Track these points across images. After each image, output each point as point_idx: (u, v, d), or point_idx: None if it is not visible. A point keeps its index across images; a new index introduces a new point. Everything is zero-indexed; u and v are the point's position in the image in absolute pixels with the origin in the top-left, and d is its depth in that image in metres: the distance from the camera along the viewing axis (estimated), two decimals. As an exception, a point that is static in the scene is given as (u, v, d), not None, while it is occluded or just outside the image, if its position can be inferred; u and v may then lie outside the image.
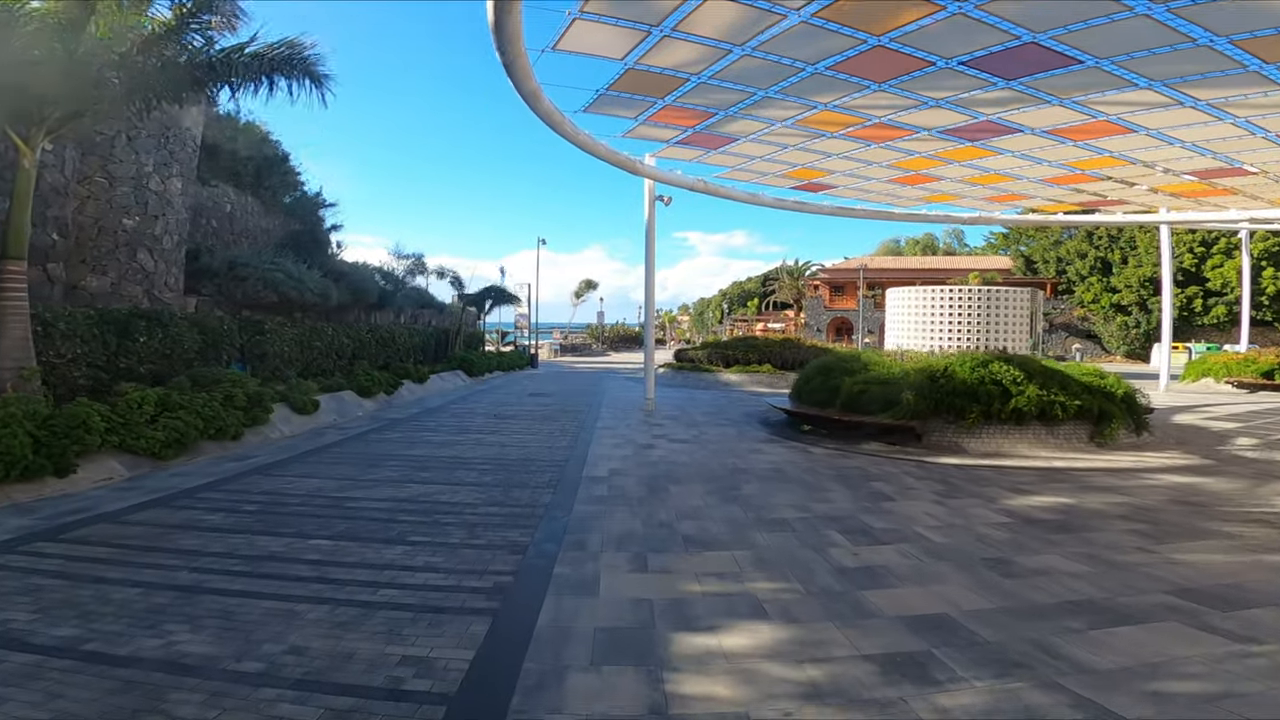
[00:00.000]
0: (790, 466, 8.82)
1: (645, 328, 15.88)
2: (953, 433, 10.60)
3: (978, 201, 16.52)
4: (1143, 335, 45.45)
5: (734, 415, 14.42)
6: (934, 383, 10.85)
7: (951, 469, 8.79)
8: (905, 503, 6.90)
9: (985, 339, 27.70)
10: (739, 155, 13.22)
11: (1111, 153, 12.25)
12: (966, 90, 9.45)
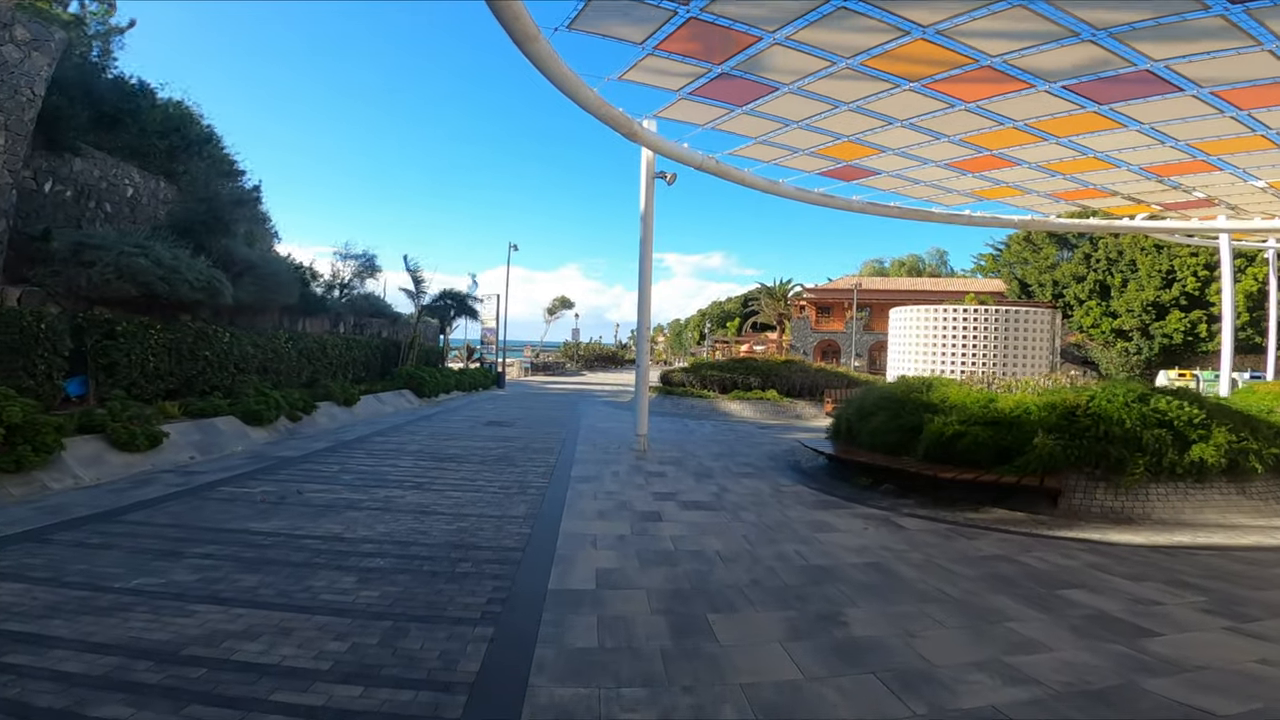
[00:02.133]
0: (894, 559, 5.30)
1: (639, 340, 12.32)
2: (1103, 493, 7.22)
3: (1039, 199, 13.41)
4: (1143, 362, 43.23)
5: (753, 458, 10.87)
6: (1073, 424, 7.46)
7: (1159, 556, 5.33)
8: (1186, 648, 3.42)
9: (1003, 364, 24.58)
10: (771, 118, 9.78)
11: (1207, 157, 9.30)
12: (1156, 13, 6.07)
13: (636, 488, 8.16)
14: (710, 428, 15.22)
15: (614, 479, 8.68)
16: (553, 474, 8.92)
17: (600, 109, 9.11)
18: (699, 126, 10.35)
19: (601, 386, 32.94)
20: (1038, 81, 7.45)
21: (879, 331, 47.75)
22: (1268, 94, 7.14)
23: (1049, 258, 47.21)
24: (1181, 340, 42.22)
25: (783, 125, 9.97)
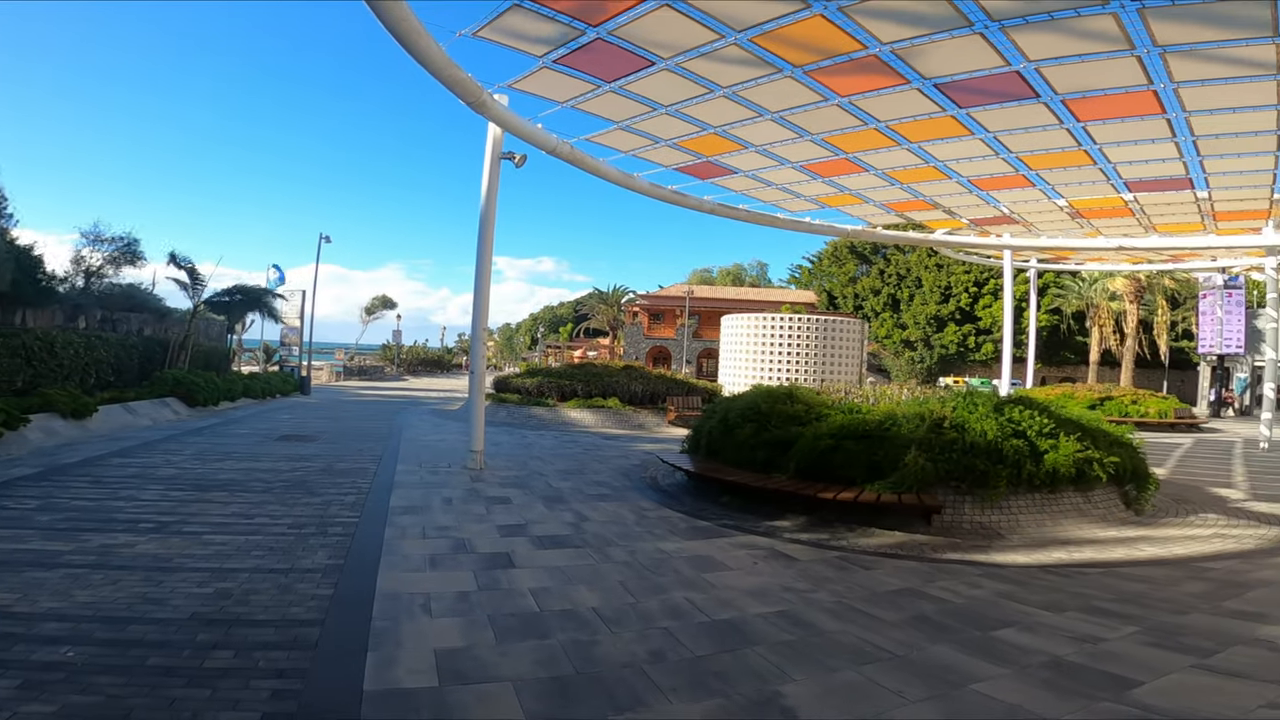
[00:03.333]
0: (804, 605, 4.42)
1: (473, 341, 10.66)
2: (970, 507, 7.00)
3: (874, 209, 13.86)
4: (925, 370, 48.89)
5: (605, 475, 9.75)
6: (940, 436, 7.20)
7: (1054, 578, 4.97)
8: (1181, 697, 2.83)
9: (821, 370, 26.15)
10: (640, 99, 8.78)
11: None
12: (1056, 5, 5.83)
13: (476, 519, 6.64)
14: (552, 440, 13.89)
15: (446, 508, 7.07)
16: (365, 504, 7.10)
17: (445, 70, 7.50)
18: (558, 104, 9.09)
19: (427, 393, 30.17)
20: (913, 77, 7.14)
21: (707, 339, 49.33)
22: (1112, 104, 7.41)
23: (850, 272, 51.77)
24: (956, 350, 48.14)
25: (650, 109, 9.01)
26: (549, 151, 9.89)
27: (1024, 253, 21.67)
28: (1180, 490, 9.38)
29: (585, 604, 4.38)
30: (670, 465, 9.38)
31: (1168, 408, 23.45)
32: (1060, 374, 44.27)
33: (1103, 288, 38.37)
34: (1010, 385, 23.47)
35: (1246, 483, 10.57)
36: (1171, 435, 19.83)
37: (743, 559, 5.54)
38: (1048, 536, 6.58)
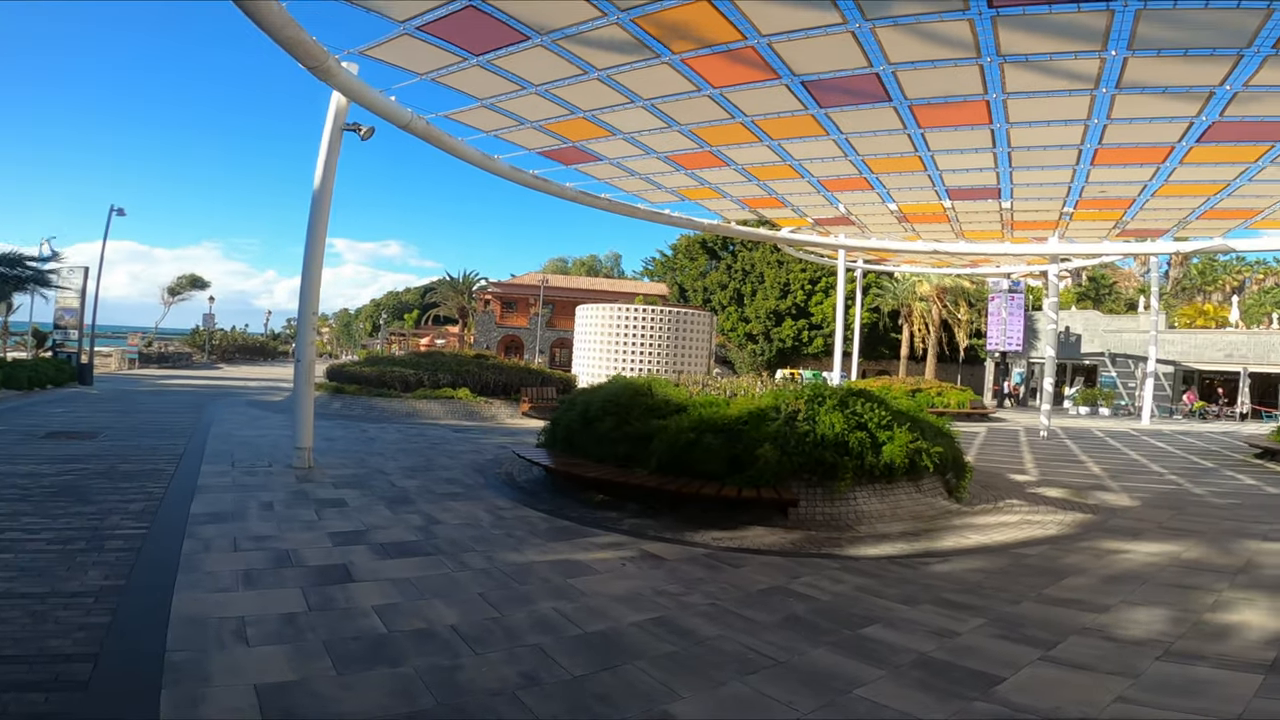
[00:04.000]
0: (679, 610, 4.24)
1: (301, 327, 9.39)
2: (821, 500, 7.26)
3: (730, 204, 14.23)
4: (765, 362, 52.02)
5: (456, 471, 9.09)
6: (794, 430, 7.39)
7: (902, 570, 5.22)
8: (1039, 693, 2.95)
9: (674, 362, 26.81)
10: (510, 76, 8.18)
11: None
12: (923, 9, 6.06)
13: (304, 526, 5.79)
14: (396, 434, 12.81)
15: (266, 515, 6.12)
16: (158, 512, 5.95)
17: (284, 29, 6.47)
18: (416, 76, 8.26)
19: (245, 383, 26.97)
20: (784, 73, 7.22)
21: (561, 328, 48.85)
22: (950, 112, 7.99)
23: (701, 266, 53.67)
24: (791, 344, 51.53)
25: (519, 88, 8.45)
26: (402, 126, 8.98)
27: (855, 253, 23.46)
28: (986, 477, 10.34)
29: (442, 621, 3.88)
30: (527, 460, 8.92)
31: (965, 399, 26.62)
32: (877, 367, 48.94)
33: (912, 289, 42.92)
34: (840, 377, 25.50)
35: (1036, 469, 12.07)
36: (969, 424, 22.44)
37: (610, 561, 5.27)
38: (888, 526, 6.98)
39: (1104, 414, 30.64)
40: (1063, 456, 14.09)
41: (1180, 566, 5.56)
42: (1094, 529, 7.09)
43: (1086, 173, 9.77)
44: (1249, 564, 5.63)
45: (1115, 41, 5.75)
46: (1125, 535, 6.77)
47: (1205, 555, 5.97)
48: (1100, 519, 7.64)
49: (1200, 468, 12.75)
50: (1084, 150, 8.75)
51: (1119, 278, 52.70)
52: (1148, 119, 7.51)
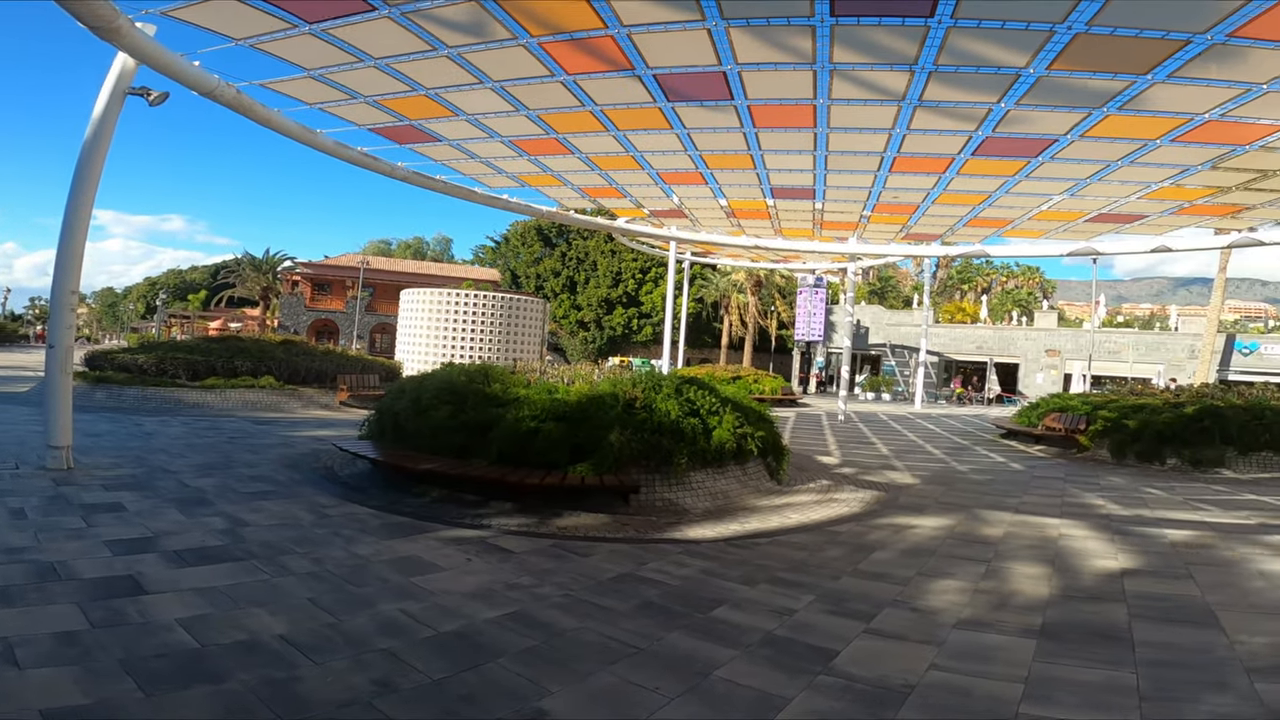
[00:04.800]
0: (534, 602, 4.12)
1: (55, 309, 7.71)
2: (660, 485, 7.49)
3: (571, 192, 14.13)
4: (596, 350, 52.83)
5: (264, 468, 8.12)
6: (633, 416, 7.53)
7: (739, 551, 5.55)
8: (871, 665, 3.27)
9: (507, 349, 26.32)
10: (347, 48, 7.36)
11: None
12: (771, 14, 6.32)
13: (71, 535, 4.82)
14: (182, 428, 11.14)
15: (16, 524, 5.00)
16: None
17: None
18: (231, 41, 7.18)
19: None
20: (639, 65, 7.25)
21: (383, 313, 45.71)
22: (783, 114, 8.50)
23: (535, 253, 53.04)
24: (622, 332, 52.74)
25: (358, 60, 7.67)
26: (205, 94, 7.74)
27: (685, 245, 24.47)
28: (799, 459, 11.21)
29: (269, 631, 3.45)
30: (351, 453, 8.21)
31: (777, 386, 28.98)
32: (700, 355, 51.70)
33: (731, 281, 45.93)
34: (669, 365, 26.54)
35: (839, 450, 13.41)
36: (781, 410, 24.40)
37: (455, 557, 5.00)
38: (721, 509, 7.35)
39: (886, 399, 34.99)
40: (858, 439, 15.83)
41: (956, 539, 6.38)
42: (888, 505, 7.97)
43: (885, 179, 10.98)
44: (1007, 535, 6.59)
45: (925, 57, 6.48)
46: (913, 511, 7.68)
47: (974, 528, 6.89)
48: (891, 496, 8.58)
49: (961, 446, 14.95)
50: (885, 158, 9.81)
51: (899, 277, 60.40)
52: (938, 131, 8.57)
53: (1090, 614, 4.25)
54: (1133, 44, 5.88)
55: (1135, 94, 6.92)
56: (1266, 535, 6.70)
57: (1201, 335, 33.01)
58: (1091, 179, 9.88)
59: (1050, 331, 38.45)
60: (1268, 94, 6.54)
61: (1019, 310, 49.94)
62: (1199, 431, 11.93)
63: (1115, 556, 5.73)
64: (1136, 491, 9.38)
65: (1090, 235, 13.88)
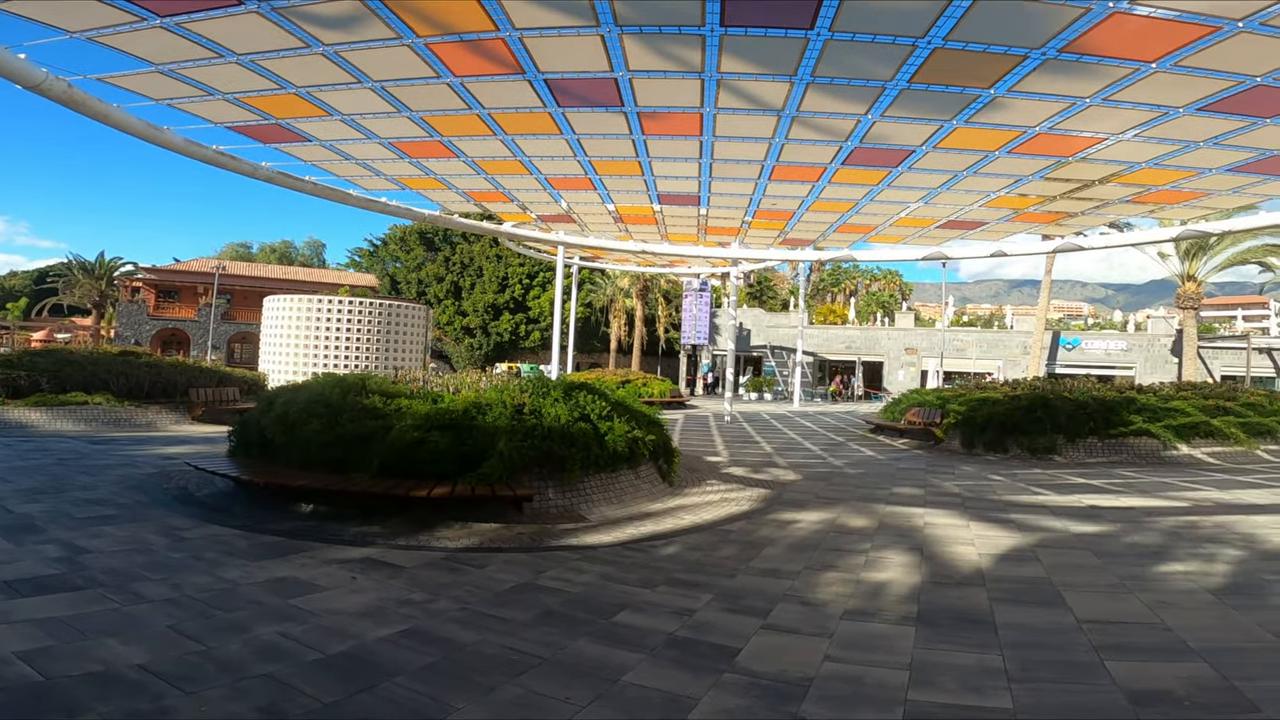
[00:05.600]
0: (430, 618, 3.92)
1: None
2: (554, 492, 7.41)
3: (455, 196, 13.61)
4: (483, 356, 51.51)
5: (104, 491, 7.21)
6: (522, 423, 7.39)
7: (636, 555, 5.58)
8: (773, 660, 3.40)
9: (387, 357, 25.14)
10: (205, 43, 6.57)
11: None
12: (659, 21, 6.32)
13: None
14: (2, 449, 9.68)
15: None
16: None
17: None
18: (66, 33, 6.34)
19: None
20: (530, 69, 7.10)
21: (244, 321, 42.06)
22: (671, 122, 8.57)
23: (417, 258, 50.97)
24: (509, 338, 51.78)
25: (217, 56, 7.00)
26: (30, 88, 6.78)
27: (573, 250, 24.38)
28: (689, 460, 11.41)
29: (126, 661, 3.11)
30: (209, 472, 7.49)
31: (666, 389, 29.56)
32: (590, 360, 51.76)
33: (619, 287, 46.39)
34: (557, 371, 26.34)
35: (726, 450, 13.85)
36: (670, 412, 24.88)
37: (338, 575, 4.67)
38: (616, 513, 7.37)
39: (768, 399, 36.65)
40: (743, 438, 16.45)
41: (837, 532, 6.75)
42: (775, 502, 8.30)
43: (765, 186, 11.45)
44: (881, 525, 7.05)
45: (804, 68, 6.79)
46: (797, 506, 8.05)
47: (852, 520, 7.32)
48: (777, 493, 8.93)
49: (837, 442, 15.92)
50: (765, 166, 10.21)
51: (777, 280, 63.47)
52: (813, 141, 9.04)
53: (957, 599, 4.61)
54: (981, 58, 6.38)
55: (980, 107, 7.53)
56: (1096, 518, 7.57)
57: (1032, 333, 37.17)
58: (942, 188, 10.79)
59: (908, 331, 41.86)
60: (1090, 108, 7.33)
61: (882, 311, 53.90)
62: (1033, 421, 13.40)
63: (972, 543, 6.26)
64: (985, 479, 10.36)
65: (941, 241, 15.16)
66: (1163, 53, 6.02)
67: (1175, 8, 5.27)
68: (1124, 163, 9.10)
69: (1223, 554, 5.75)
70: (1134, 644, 3.76)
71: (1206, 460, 12.51)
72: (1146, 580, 5.02)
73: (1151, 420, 13.17)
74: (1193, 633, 3.86)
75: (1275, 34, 5.47)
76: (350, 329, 24.39)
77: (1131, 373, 35.26)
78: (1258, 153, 8.36)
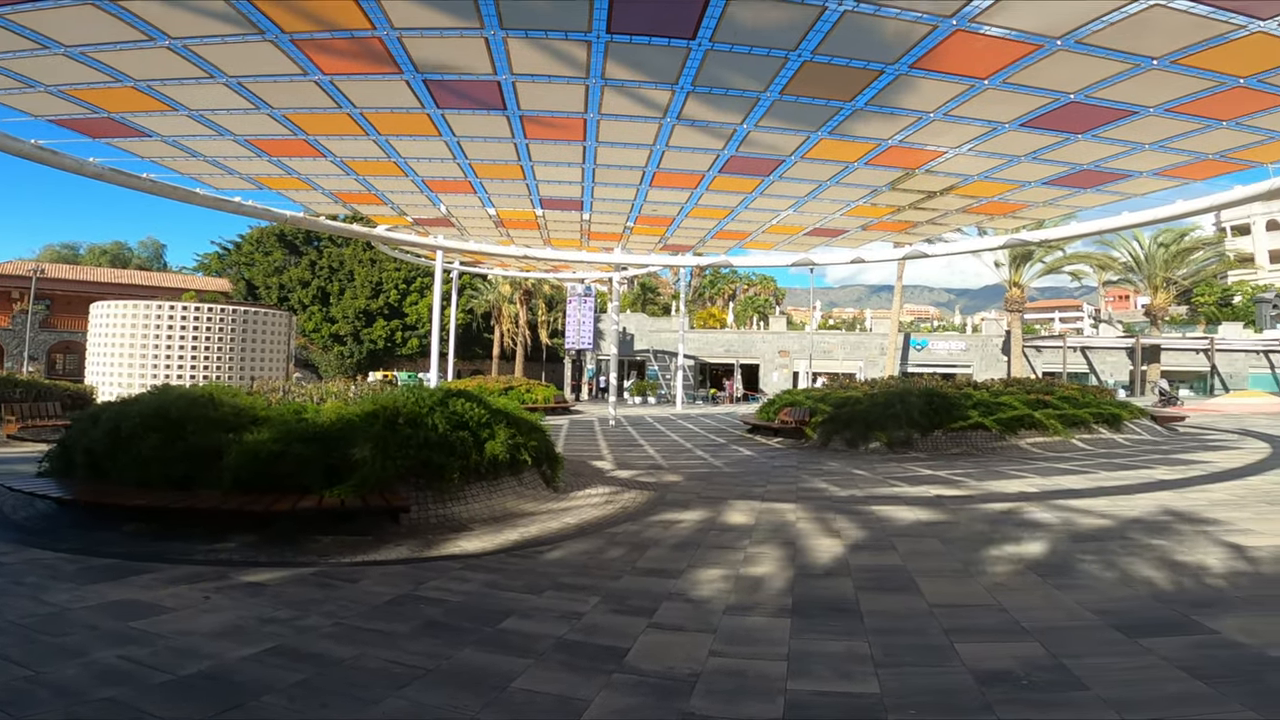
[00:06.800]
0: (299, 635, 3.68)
1: None
2: (433, 502, 7.17)
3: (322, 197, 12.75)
4: (354, 364, 48.69)
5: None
6: (396, 433, 7.08)
7: (521, 561, 5.49)
8: (663, 657, 3.50)
9: (244, 367, 23.24)
10: (23, 34, 5.80)
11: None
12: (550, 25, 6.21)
13: None
14: None
15: None
16: None
17: None
18: None
19: None
20: (408, 69, 6.78)
21: (68, 329, 37.11)
22: (554, 127, 8.50)
23: (277, 261, 47.36)
24: (384, 345, 49.38)
25: (40, 47, 6.22)
26: None
27: (452, 254, 23.64)
28: (574, 465, 11.33)
29: None
30: (27, 494, 6.59)
31: (550, 394, 29.30)
32: (471, 367, 50.31)
33: (501, 293, 45.56)
34: (437, 378, 25.34)
35: (611, 454, 13.91)
36: (555, 418, 24.68)
37: (188, 596, 4.27)
38: (499, 520, 7.22)
39: (652, 402, 37.32)
40: (628, 442, 16.62)
41: (718, 530, 6.96)
42: (658, 503, 8.43)
43: (646, 192, 11.64)
44: (757, 522, 7.32)
45: (685, 77, 6.97)
46: (680, 506, 8.23)
47: (731, 518, 7.56)
48: (660, 495, 9.08)
49: (717, 444, 16.41)
50: (646, 172, 10.38)
51: (660, 285, 64.88)
52: (692, 149, 9.27)
53: (826, 589, 4.89)
54: (844, 72, 6.76)
55: (842, 119, 7.96)
56: (941, 506, 8.27)
57: (889, 334, 40.44)
58: (808, 197, 11.45)
59: (782, 335, 44.16)
60: (933, 122, 7.94)
61: (758, 315, 56.50)
62: (890, 417, 14.53)
63: (838, 535, 6.65)
64: (849, 474, 11.09)
65: (808, 248, 16.10)
66: (994, 69, 6.56)
67: (1008, 26, 5.72)
68: (960, 175, 9.99)
69: (1046, 537, 6.40)
70: (978, 626, 4.09)
71: (1032, 450, 14.02)
72: (984, 564, 5.50)
73: (985, 414, 14.66)
74: (1025, 613, 4.23)
75: (1087, 52, 6.06)
76: (197, 338, 22.24)
77: (970, 370, 39.14)
78: (1069, 166, 9.36)
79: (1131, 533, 6.38)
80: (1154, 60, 6.21)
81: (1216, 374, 39.70)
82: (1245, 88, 6.64)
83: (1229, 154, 8.57)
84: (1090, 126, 7.92)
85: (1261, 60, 6.09)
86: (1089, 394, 17.42)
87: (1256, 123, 7.51)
